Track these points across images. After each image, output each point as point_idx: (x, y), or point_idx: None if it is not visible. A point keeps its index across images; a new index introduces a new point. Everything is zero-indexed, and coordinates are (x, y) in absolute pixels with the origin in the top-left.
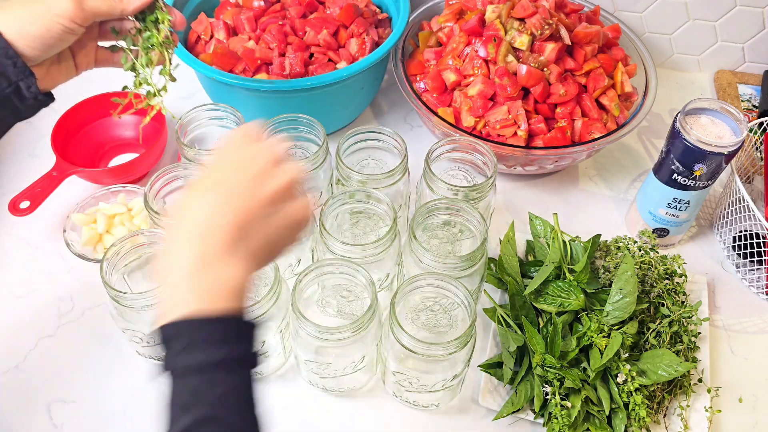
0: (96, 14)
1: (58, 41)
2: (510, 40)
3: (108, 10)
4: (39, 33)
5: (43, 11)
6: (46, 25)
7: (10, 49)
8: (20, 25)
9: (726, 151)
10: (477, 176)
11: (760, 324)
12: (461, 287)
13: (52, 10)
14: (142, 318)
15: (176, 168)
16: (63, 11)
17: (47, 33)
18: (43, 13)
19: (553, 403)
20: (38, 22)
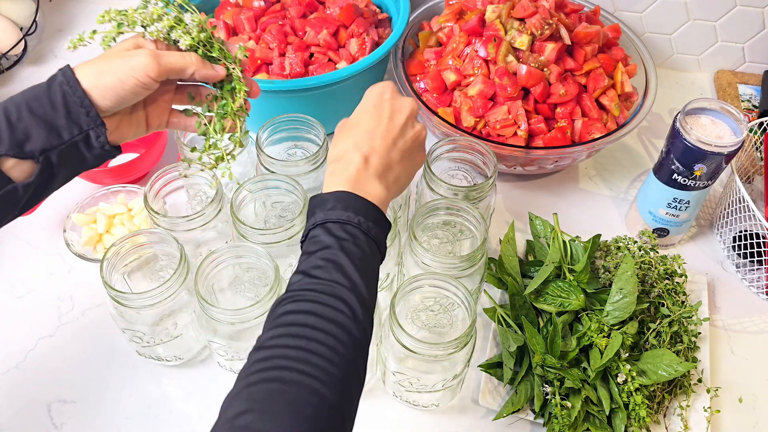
0: (170, 70)
1: (131, 94)
2: (510, 40)
3: (182, 68)
4: (112, 84)
5: (120, 64)
6: (120, 77)
7: (86, 99)
8: (96, 76)
9: (726, 151)
10: (477, 176)
11: (760, 324)
12: (461, 287)
13: (128, 63)
14: (142, 318)
15: (176, 168)
16: (138, 65)
17: (120, 85)
18: (119, 65)
19: (553, 403)
20: (113, 74)
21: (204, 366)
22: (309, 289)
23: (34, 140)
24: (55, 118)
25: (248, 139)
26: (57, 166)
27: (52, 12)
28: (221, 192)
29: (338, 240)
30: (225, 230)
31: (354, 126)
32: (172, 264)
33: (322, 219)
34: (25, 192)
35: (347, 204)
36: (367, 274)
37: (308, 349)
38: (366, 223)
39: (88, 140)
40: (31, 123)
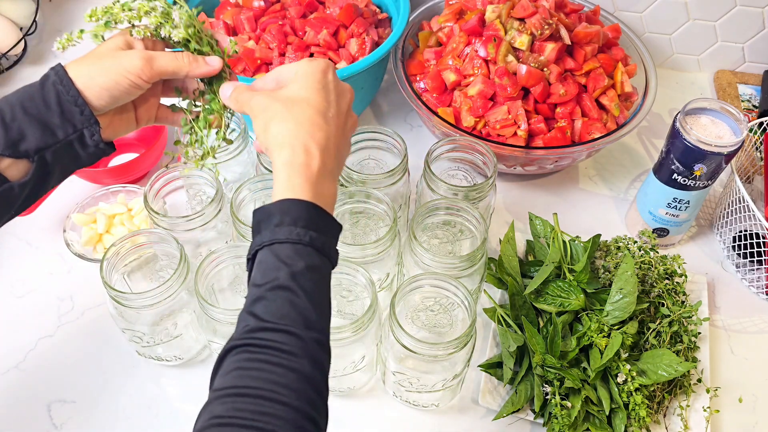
0: (163, 73)
1: (125, 94)
2: (510, 40)
3: (175, 70)
4: (107, 85)
5: (113, 65)
6: (115, 78)
7: (80, 97)
8: (90, 77)
9: (726, 151)
10: (477, 176)
11: (760, 324)
12: (461, 287)
13: (122, 65)
14: (142, 318)
15: (176, 168)
16: (132, 67)
17: (115, 86)
18: (113, 67)
19: (553, 403)
20: (107, 75)
21: (204, 366)
22: (261, 337)
23: (28, 140)
24: (49, 117)
25: (248, 137)
26: (52, 165)
27: (51, 12)
28: (221, 192)
29: (288, 267)
30: (225, 230)
31: (303, 102)
32: (172, 264)
33: (268, 239)
34: (21, 191)
35: (296, 217)
36: (322, 300)
37: (265, 412)
38: (319, 239)
39: (82, 139)
40: (25, 122)
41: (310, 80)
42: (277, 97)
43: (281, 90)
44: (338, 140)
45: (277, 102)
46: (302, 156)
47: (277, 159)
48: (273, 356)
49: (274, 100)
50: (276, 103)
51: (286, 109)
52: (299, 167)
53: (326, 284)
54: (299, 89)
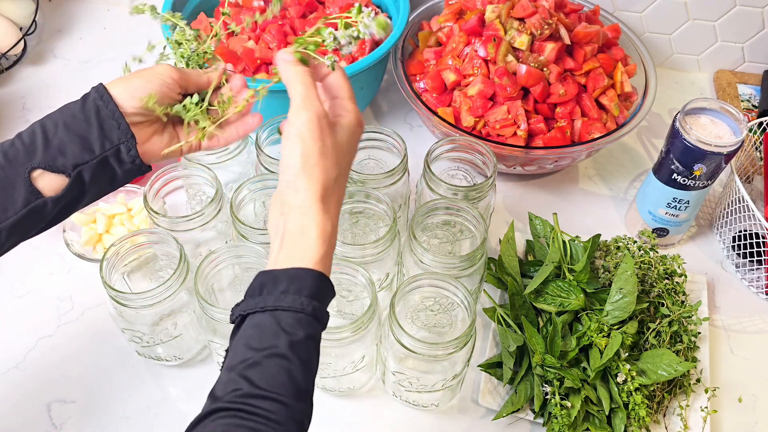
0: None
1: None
2: (510, 39)
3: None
4: (140, 85)
5: (147, 72)
6: (148, 78)
7: (118, 111)
8: (125, 81)
9: (726, 151)
10: (477, 176)
11: (760, 324)
12: (461, 287)
13: (154, 70)
14: (141, 318)
15: (176, 168)
16: (163, 70)
17: (147, 84)
18: (146, 72)
19: (553, 403)
20: (140, 78)
21: (204, 366)
22: (253, 404)
23: (67, 155)
24: (88, 132)
25: (248, 138)
26: (89, 184)
27: (51, 12)
28: (221, 192)
29: (288, 336)
30: (225, 230)
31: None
32: (171, 264)
33: (272, 305)
34: (54, 207)
35: (302, 286)
36: (313, 366)
37: None
38: (320, 308)
39: (118, 154)
40: (66, 138)
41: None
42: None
43: None
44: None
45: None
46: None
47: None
48: (262, 425)
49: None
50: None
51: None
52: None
53: (318, 349)
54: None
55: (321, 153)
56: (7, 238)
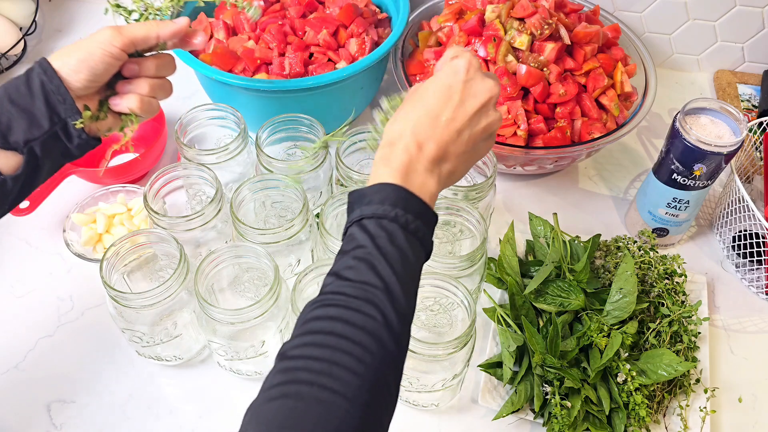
0: (134, 39)
1: (101, 64)
2: (510, 39)
3: (145, 34)
4: (83, 57)
5: (87, 41)
6: (90, 50)
7: (62, 86)
8: (66, 54)
9: (726, 151)
10: (477, 176)
11: (760, 324)
12: (461, 287)
13: (94, 39)
14: (141, 318)
15: (176, 168)
16: (103, 37)
17: (90, 57)
18: (86, 42)
19: (553, 403)
20: (81, 50)
21: (204, 366)
22: (339, 292)
23: (16, 131)
24: (34, 107)
25: (247, 138)
26: (42, 158)
27: (51, 12)
28: (221, 192)
29: (372, 238)
30: (225, 230)
31: (418, 103)
32: (171, 264)
33: (357, 216)
34: (14, 184)
35: (385, 196)
36: (404, 275)
37: (332, 361)
38: (405, 216)
39: (66, 129)
40: (12, 114)
41: (438, 80)
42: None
43: (422, 84)
44: (448, 142)
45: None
46: (397, 152)
47: (376, 156)
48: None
49: (409, 96)
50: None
51: (405, 109)
52: (389, 161)
53: (410, 263)
54: (426, 88)
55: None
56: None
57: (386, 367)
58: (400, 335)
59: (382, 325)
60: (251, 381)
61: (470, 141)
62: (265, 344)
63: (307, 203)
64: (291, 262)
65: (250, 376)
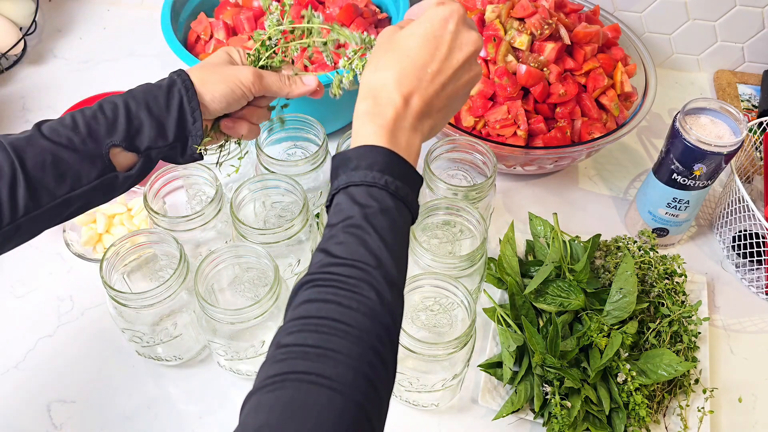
0: (268, 89)
1: (236, 102)
2: (510, 39)
3: (277, 90)
4: (225, 93)
5: (230, 76)
6: (232, 87)
7: (198, 110)
8: (212, 84)
9: (726, 151)
10: (477, 176)
11: (760, 324)
12: (461, 287)
13: (238, 77)
14: (141, 318)
15: (176, 168)
16: (246, 80)
17: (231, 94)
18: (230, 77)
19: (553, 403)
20: (226, 84)
21: (204, 366)
22: (330, 272)
23: (143, 137)
24: (167, 120)
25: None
26: (154, 161)
27: (51, 12)
28: (221, 192)
29: (362, 208)
30: (225, 230)
31: (402, 52)
32: (171, 264)
33: (344, 182)
34: (124, 182)
35: (372, 162)
36: (396, 245)
37: (328, 347)
38: (394, 183)
39: (184, 146)
40: (145, 121)
41: (423, 27)
42: (391, 40)
43: (401, 31)
44: (433, 97)
45: (385, 46)
46: (382, 106)
47: (357, 107)
48: (339, 288)
49: (387, 40)
50: (383, 48)
51: (387, 56)
52: (375, 116)
53: (400, 230)
54: (410, 36)
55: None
56: (75, 205)
57: (383, 345)
58: (394, 309)
59: (377, 305)
60: (251, 381)
61: (452, 95)
62: (265, 344)
63: (307, 203)
64: (291, 262)
65: (250, 376)
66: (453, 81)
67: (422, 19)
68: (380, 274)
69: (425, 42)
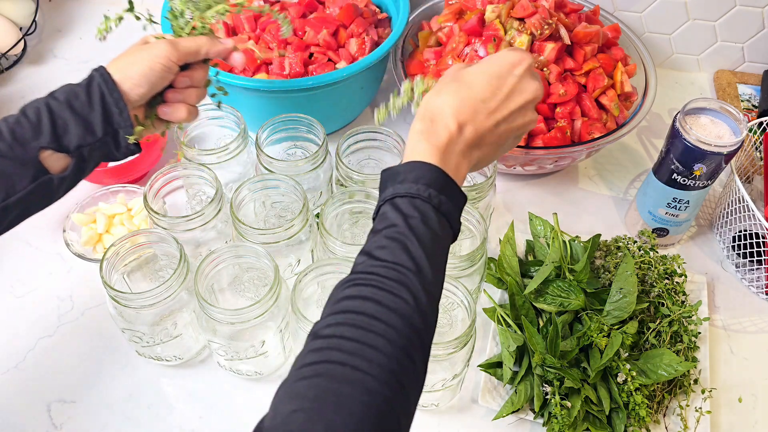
0: (187, 53)
1: (159, 80)
2: (510, 39)
3: (196, 50)
4: (142, 72)
5: (145, 54)
6: (149, 64)
7: (122, 100)
8: (128, 67)
9: (726, 151)
10: (477, 176)
11: (760, 324)
12: (461, 287)
13: (152, 52)
14: (141, 318)
15: (176, 168)
16: (161, 52)
17: (150, 72)
18: (145, 55)
19: (553, 403)
20: (142, 63)
21: (204, 366)
22: (371, 272)
23: (71, 136)
24: (91, 116)
25: (247, 138)
26: (88, 161)
27: (51, 12)
28: (221, 192)
29: (405, 217)
30: (225, 230)
31: (465, 85)
32: (171, 264)
33: (390, 194)
34: (60, 184)
35: (419, 175)
36: (435, 256)
37: (364, 342)
38: (438, 197)
39: (116, 137)
40: (70, 120)
41: (491, 67)
42: (459, 72)
43: (470, 66)
44: (486, 131)
45: (452, 76)
46: (437, 128)
47: (414, 126)
48: (378, 289)
49: (454, 73)
50: (450, 77)
51: (450, 85)
52: (429, 136)
53: (440, 243)
54: (476, 72)
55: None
56: (13, 212)
57: (415, 348)
58: (428, 315)
59: (413, 308)
60: (251, 381)
61: (504, 135)
62: (265, 344)
63: (307, 203)
64: (291, 262)
65: (250, 376)
66: (507, 121)
67: (492, 59)
68: (418, 279)
69: (489, 79)
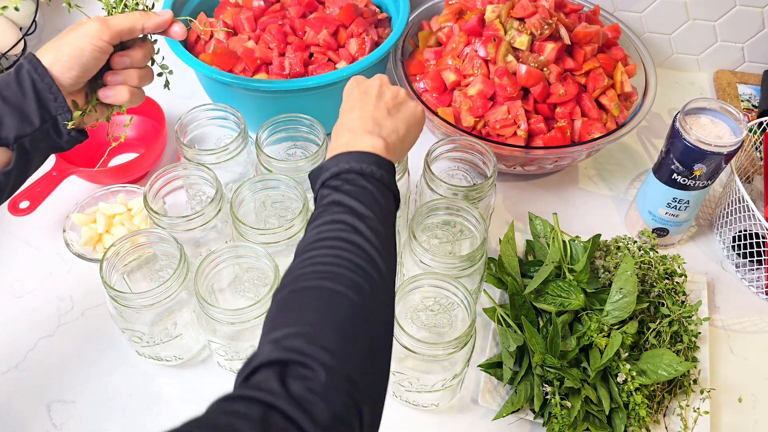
0: (120, 31)
1: (91, 61)
2: (510, 39)
3: (130, 26)
4: (74, 53)
5: (74, 35)
6: (80, 45)
7: (54, 85)
8: (57, 51)
9: (726, 151)
10: (477, 176)
11: (759, 324)
12: (461, 287)
13: (82, 32)
14: (141, 318)
15: (176, 168)
16: (91, 31)
17: (81, 53)
18: (75, 38)
19: (553, 403)
20: (72, 45)
21: (204, 366)
22: (322, 229)
23: (7, 127)
24: (25, 105)
25: (247, 137)
26: (31, 152)
27: (51, 12)
28: (221, 192)
29: (334, 189)
30: (225, 230)
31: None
32: (171, 264)
33: (319, 184)
34: (6, 179)
35: (338, 161)
36: (373, 204)
37: (336, 264)
38: (359, 165)
39: (56, 125)
40: (4, 110)
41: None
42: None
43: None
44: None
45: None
46: (340, 137)
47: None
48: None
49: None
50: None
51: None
52: (333, 149)
53: (378, 201)
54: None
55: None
56: None
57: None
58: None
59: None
60: None
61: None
62: None
63: (307, 203)
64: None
65: None
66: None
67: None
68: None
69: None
